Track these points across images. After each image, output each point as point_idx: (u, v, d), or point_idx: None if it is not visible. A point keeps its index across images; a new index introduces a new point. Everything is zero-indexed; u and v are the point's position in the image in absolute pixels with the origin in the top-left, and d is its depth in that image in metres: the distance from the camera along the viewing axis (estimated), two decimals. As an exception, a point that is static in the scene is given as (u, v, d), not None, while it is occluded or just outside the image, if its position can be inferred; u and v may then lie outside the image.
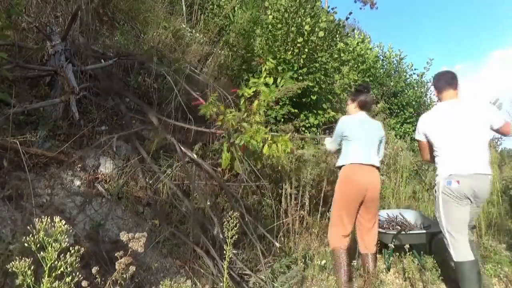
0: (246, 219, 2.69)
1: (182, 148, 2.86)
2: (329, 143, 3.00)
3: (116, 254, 1.40)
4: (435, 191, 2.44)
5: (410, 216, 3.31)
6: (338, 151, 2.89)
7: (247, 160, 3.07)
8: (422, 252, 2.86)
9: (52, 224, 1.12)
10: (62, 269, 1.11)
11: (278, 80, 2.61)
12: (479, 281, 2.24)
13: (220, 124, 2.62)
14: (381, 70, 9.03)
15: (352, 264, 2.66)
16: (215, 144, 3.41)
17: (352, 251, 2.84)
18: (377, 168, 2.71)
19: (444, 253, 2.59)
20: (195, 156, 2.89)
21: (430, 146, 2.54)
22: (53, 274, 1.09)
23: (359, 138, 2.70)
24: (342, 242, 2.63)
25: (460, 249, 2.28)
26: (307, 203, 3.27)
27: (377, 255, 3.10)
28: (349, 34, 8.46)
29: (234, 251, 2.53)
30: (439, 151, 2.42)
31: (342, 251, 2.60)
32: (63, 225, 1.13)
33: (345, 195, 2.65)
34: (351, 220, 2.68)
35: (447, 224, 2.33)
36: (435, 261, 2.71)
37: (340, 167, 2.76)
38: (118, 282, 1.38)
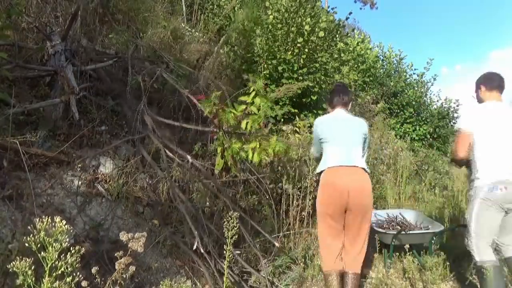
0: (245, 219, 2.68)
1: (179, 151, 2.85)
2: (312, 149, 2.72)
3: (116, 254, 1.40)
4: (470, 195, 2.30)
5: (410, 216, 3.31)
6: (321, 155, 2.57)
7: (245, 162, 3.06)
8: (422, 252, 2.86)
9: (53, 224, 1.12)
10: (62, 269, 1.11)
11: (260, 103, 2.52)
12: None
13: (216, 126, 2.59)
14: (381, 70, 9.05)
15: None
16: (214, 145, 3.40)
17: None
18: (363, 169, 2.37)
19: (444, 253, 2.59)
20: (189, 157, 2.87)
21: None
22: (54, 274, 1.10)
23: (337, 138, 2.42)
24: (333, 262, 2.33)
25: (484, 250, 2.17)
26: (308, 204, 3.26)
27: (377, 260, 3.09)
28: (349, 34, 8.48)
29: (235, 251, 2.52)
30: (483, 154, 2.23)
31: (334, 275, 2.29)
32: (64, 225, 1.13)
33: (324, 202, 2.34)
34: (336, 232, 2.36)
35: (477, 228, 2.22)
36: (435, 261, 2.71)
37: (320, 174, 2.45)
38: (118, 282, 1.38)
